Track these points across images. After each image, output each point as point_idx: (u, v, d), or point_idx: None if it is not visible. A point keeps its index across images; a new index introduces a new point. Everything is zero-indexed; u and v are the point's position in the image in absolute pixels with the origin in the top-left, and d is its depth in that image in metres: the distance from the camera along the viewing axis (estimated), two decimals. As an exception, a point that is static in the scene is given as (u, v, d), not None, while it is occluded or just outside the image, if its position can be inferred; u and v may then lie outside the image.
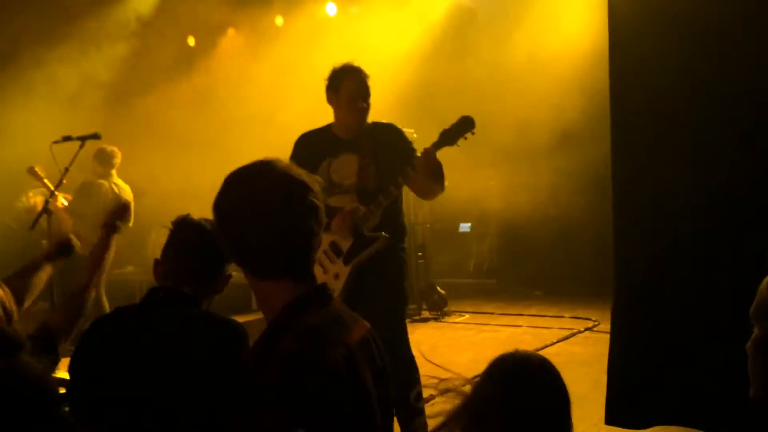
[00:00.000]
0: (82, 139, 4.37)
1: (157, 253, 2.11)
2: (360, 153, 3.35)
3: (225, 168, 1.57)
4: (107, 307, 5.60)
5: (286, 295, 1.42)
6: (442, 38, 8.18)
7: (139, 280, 8.29)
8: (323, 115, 4.47)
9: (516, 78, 7.66)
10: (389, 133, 3.45)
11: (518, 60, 7.61)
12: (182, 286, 1.99)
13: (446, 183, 3.43)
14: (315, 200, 1.45)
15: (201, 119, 8.39)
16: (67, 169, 4.37)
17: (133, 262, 8.19)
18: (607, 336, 3.24)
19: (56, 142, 4.33)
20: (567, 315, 6.72)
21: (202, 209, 2.20)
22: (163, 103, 8.15)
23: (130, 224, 6.38)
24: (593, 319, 6.36)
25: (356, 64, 3.44)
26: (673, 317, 2.77)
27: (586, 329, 6.13)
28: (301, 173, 1.46)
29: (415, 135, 7.41)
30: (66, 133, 4.34)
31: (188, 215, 2.14)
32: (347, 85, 3.35)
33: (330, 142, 3.41)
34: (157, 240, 8.49)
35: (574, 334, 5.95)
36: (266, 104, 8.27)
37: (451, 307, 7.15)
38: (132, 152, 6.86)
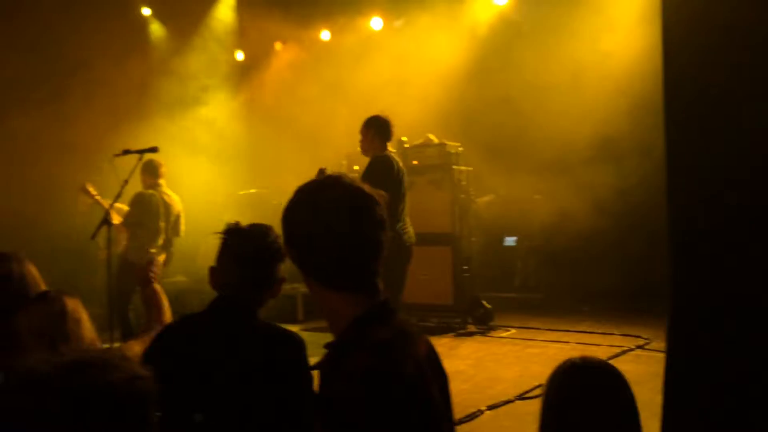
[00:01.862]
0: (141, 152, 4.51)
1: (208, 263, 2.17)
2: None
3: (272, 180, 1.59)
4: None
5: (354, 309, 1.43)
6: (487, 52, 8.17)
7: (188, 289, 8.45)
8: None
9: (561, 90, 7.61)
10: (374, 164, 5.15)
11: (563, 72, 7.57)
12: (241, 294, 2.05)
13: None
14: (382, 214, 1.47)
15: (247, 133, 8.56)
16: (126, 181, 4.51)
17: (184, 271, 8.36)
18: (659, 354, 3.15)
19: (117, 155, 4.48)
20: (616, 332, 6.58)
21: (252, 219, 2.26)
22: (213, 116, 8.35)
23: (181, 234, 6.57)
24: (644, 336, 6.21)
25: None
26: (737, 338, 2.65)
27: (637, 347, 5.99)
28: (367, 188, 1.49)
29: (461, 148, 7.42)
30: (126, 147, 4.50)
31: (238, 223, 2.19)
32: None
33: None
34: (206, 250, 8.67)
35: (624, 352, 5.82)
36: (313, 119, 8.38)
37: (496, 322, 7.08)
38: (183, 163, 7.03)
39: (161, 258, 6.15)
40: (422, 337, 1.52)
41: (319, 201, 1.45)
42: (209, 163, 7.94)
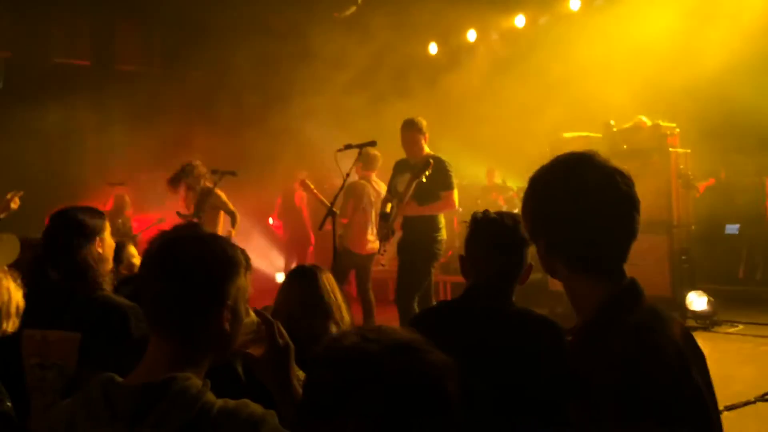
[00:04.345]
0: (361, 146, 4.72)
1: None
2: (412, 175, 5.05)
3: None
4: None
5: (600, 292, 1.38)
6: (694, 26, 7.50)
7: (387, 278, 8.74)
8: (577, 113, 4.31)
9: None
10: (436, 164, 5.03)
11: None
12: (494, 281, 2.06)
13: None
14: (636, 195, 1.40)
15: (445, 125, 8.62)
16: (348, 174, 4.74)
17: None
18: None
19: (340, 150, 4.73)
20: None
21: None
22: (415, 108, 8.52)
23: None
24: None
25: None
26: None
27: None
28: (623, 168, 1.42)
29: (677, 130, 6.91)
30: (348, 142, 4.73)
31: (486, 211, 2.18)
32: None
33: (403, 164, 5.41)
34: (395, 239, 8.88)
35: None
36: (515, 107, 8.24)
37: (720, 317, 6.50)
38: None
39: (377, 246, 6.41)
40: (674, 317, 1.43)
41: (576, 180, 1.40)
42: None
